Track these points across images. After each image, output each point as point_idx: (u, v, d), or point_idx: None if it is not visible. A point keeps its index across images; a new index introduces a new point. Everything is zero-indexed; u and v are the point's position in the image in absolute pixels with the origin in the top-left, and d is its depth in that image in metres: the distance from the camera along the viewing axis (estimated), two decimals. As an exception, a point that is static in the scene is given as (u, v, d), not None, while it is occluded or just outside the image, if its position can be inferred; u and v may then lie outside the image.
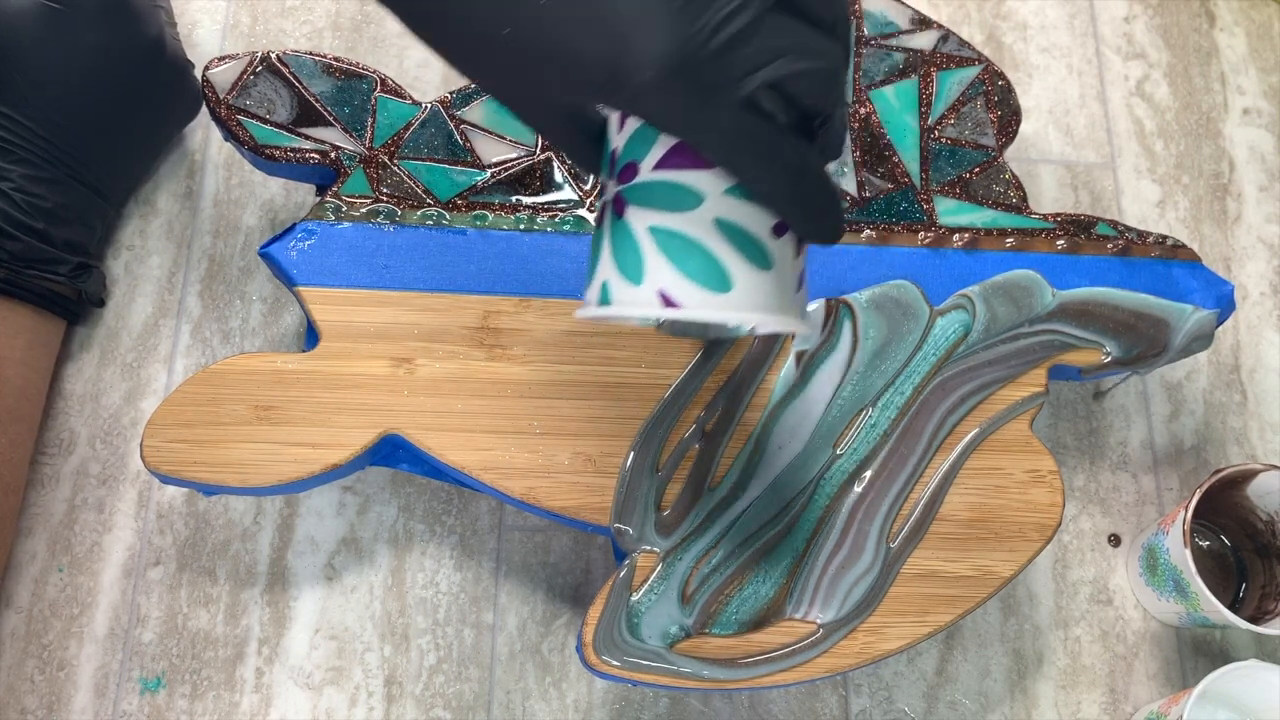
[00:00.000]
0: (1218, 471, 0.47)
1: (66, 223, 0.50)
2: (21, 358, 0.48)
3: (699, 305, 0.32)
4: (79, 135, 0.49)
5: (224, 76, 0.48)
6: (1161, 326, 0.49)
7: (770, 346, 0.47)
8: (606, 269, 0.34)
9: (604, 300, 0.34)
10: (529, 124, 0.34)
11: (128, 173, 0.54)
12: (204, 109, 0.54)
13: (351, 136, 0.49)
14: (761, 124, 0.29)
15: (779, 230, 0.33)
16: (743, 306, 0.33)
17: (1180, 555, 0.46)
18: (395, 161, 0.49)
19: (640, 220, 0.33)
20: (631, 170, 0.33)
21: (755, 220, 0.32)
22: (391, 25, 0.61)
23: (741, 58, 0.28)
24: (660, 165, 0.33)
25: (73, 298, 0.51)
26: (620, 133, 0.33)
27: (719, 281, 0.32)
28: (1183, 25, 0.64)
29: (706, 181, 0.32)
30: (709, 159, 0.31)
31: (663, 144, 0.32)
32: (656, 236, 0.33)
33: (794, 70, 0.28)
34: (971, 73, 0.53)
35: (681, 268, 0.32)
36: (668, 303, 0.32)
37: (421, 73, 0.60)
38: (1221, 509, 0.50)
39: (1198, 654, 0.51)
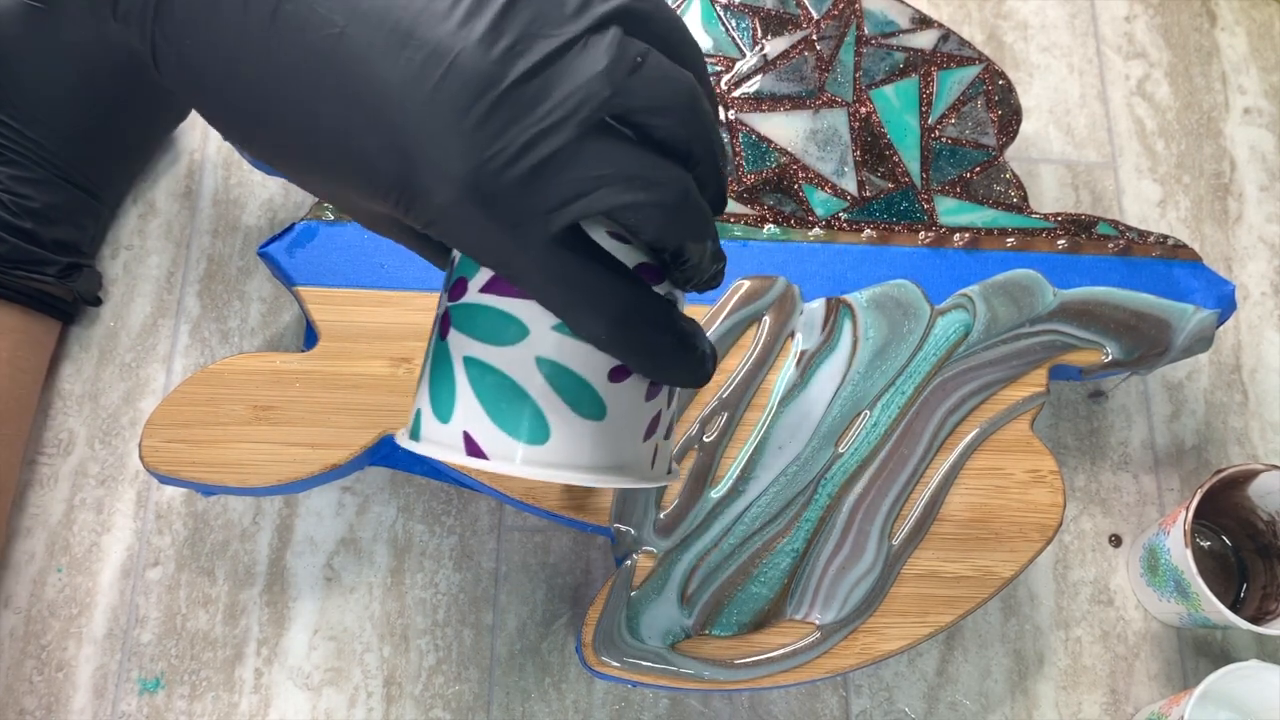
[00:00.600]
0: (1219, 472, 0.47)
1: (55, 223, 0.49)
2: (9, 358, 0.48)
3: (505, 458, 0.28)
4: (66, 135, 0.49)
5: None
6: (1163, 327, 0.48)
7: (770, 347, 0.47)
8: (423, 396, 0.30)
9: (414, 433, 0.30)
10: (358, 222, 0.31)
11: (119, 172, 0.54)
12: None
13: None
14: (577, 261, 0.25)
15: (620, 374, 0.29)
16: (560, 462, 0.28)
17: (1181, 556, 0.46)
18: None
19: (459, 347, 0.29)
20: (461, 287, 0.29)
21: (588, 362, 0.28)
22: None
23: (552, 187, 0.24)
24: (487, 288, 0.28)
25: (67, 298, 0.51)
26: None
27: (534, 431, 0.28)
28: (1183, 25, 0.64)
29: (533, 314, 0.28)
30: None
31: None
32: (470, 370, 0.28)
33: (620, 203, 0.25)
34: (972, 72, 0.53)
35: (491, 411, 0.28)
36: (472, 449, 0.28)
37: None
38: (1222, 509, 0.50)
39: (1199, 654, 0.51)
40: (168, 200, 0.56)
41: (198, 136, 0.58)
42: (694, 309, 0.47)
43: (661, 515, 0.45)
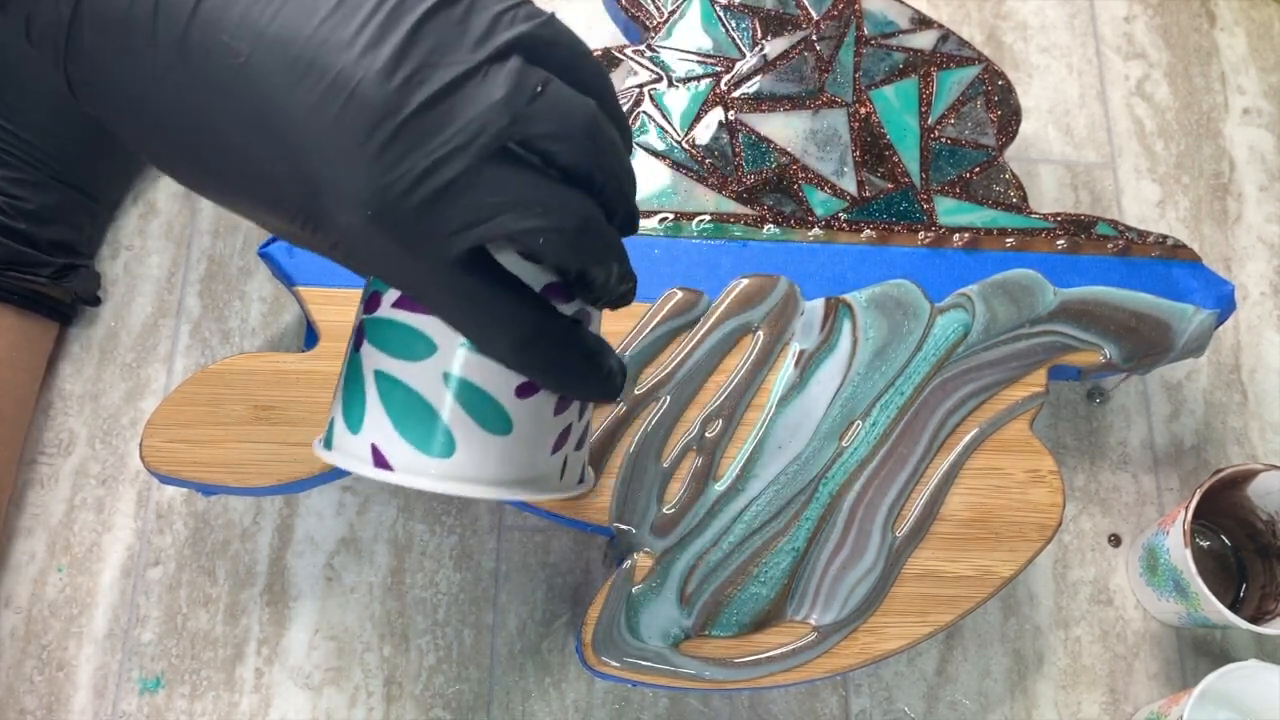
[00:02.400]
0: (1218, 471, 0.47)
1: (50, 224, 0.49)
2: (4, 359, 0.48)
3: (410, 470, 0.29)
4: (60, 136, 0.49)
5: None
6: (1163, 329, 0.48)
7: (770, 347, 0.47)
8: (337, 406, 0.31)
9: (327, 442, 0.31)
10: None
11: (116, 173, 0.54)
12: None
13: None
14: (481, 283, 0.26)
15: (527, 389, 0.29)
16: (465, 477, 0.29)
17: (1180, 555, 0.46)
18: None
19: (371, 361, 0.30)
20: (375, 301, 0.30)
21: (494, 378, 0.29)
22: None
23: (452, 213, 0.25)
24: (399, 303, 0.29)
25: (65, 299, 0.51)
26: None
27: (440, 446, 0.29)
28: (1183, 25, 0.64)
29: (442, 331, 0.29)
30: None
31: None
32: (380, 384, 0.29)
33: (519, 229, 0.25)
34: (971, 72, 0.53)
35: (399, 424, 0.29)
36: (379, 461, 0.29)
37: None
38: (1222, 509, 0.50)
39: (1198, 654, 0.51)
40: (168, 200, 0.56)
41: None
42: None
43: (661, 515, 0.45)
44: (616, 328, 0.47)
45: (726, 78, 0.51)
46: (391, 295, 0.30)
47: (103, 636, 0.49)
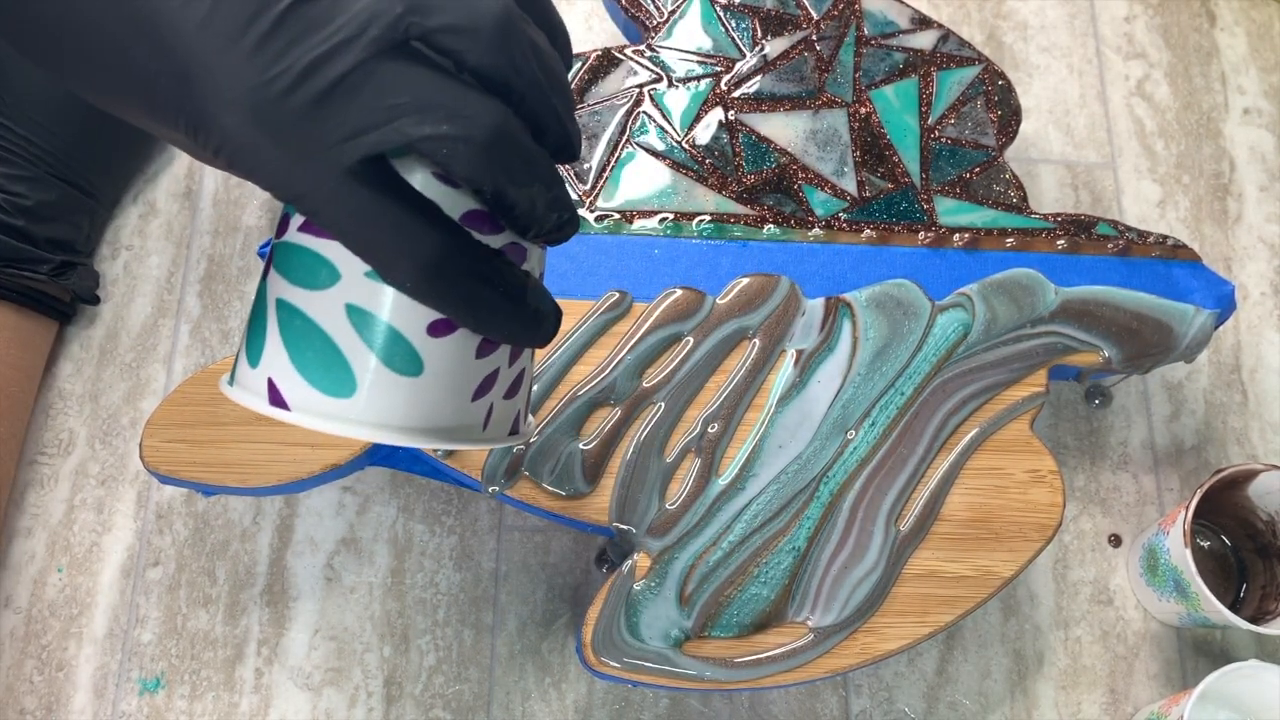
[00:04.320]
0: (1218, 471, 0.47)
1: (49, 221, 0.49)
2: (2, 356, 0.48)
3: (306, 410, 0.26)
4: (59, 133, 0.49)
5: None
6: (1165, 331, 0.48)
7: (766, 355, 0.47)
8: (243, 339, 0.28)
9: (231, 378, 0.29)
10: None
11: (115, 170, 0.54)
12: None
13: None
14: (379, 200, 0.23)
15: (441, 328, 0.26)
16: (365, 420, 0.26)
17: (1181, 555, 0.46)
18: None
19: (275, 288, 0.27)
20: (285, 224, 0.27)
21: (403, 313, 0.26)
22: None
23: (343, 115, 0.22)
24: (305, 226, 0.27)
25: (63, 298, 0.51)
26: None
27: (338, 384, 0.26)
28: (1183, 25, 0.64)
29: (346, 258, 0.26)
30: None
31: None
32: (280, 313, 0.27)
33: (420, 135, 0.23)
34: (971, 72, 0.53)
35: (296, 359, 0.26)
36: (275, 399, 0.27)
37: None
38: (1222, 509, 0.50)
39: (1198, 654, 0.51)
40: (168, 200, 0.56)
41: (198, 137, 0.58)
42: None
43: (661, 514, 0.45)
44: (616, 327, 0.47)
45: (726, 78, 0.51)
46: (299, 218, 0.27)
47: (102, 636, 0.49)
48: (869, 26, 0.53)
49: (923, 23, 0.53)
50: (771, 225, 0.49)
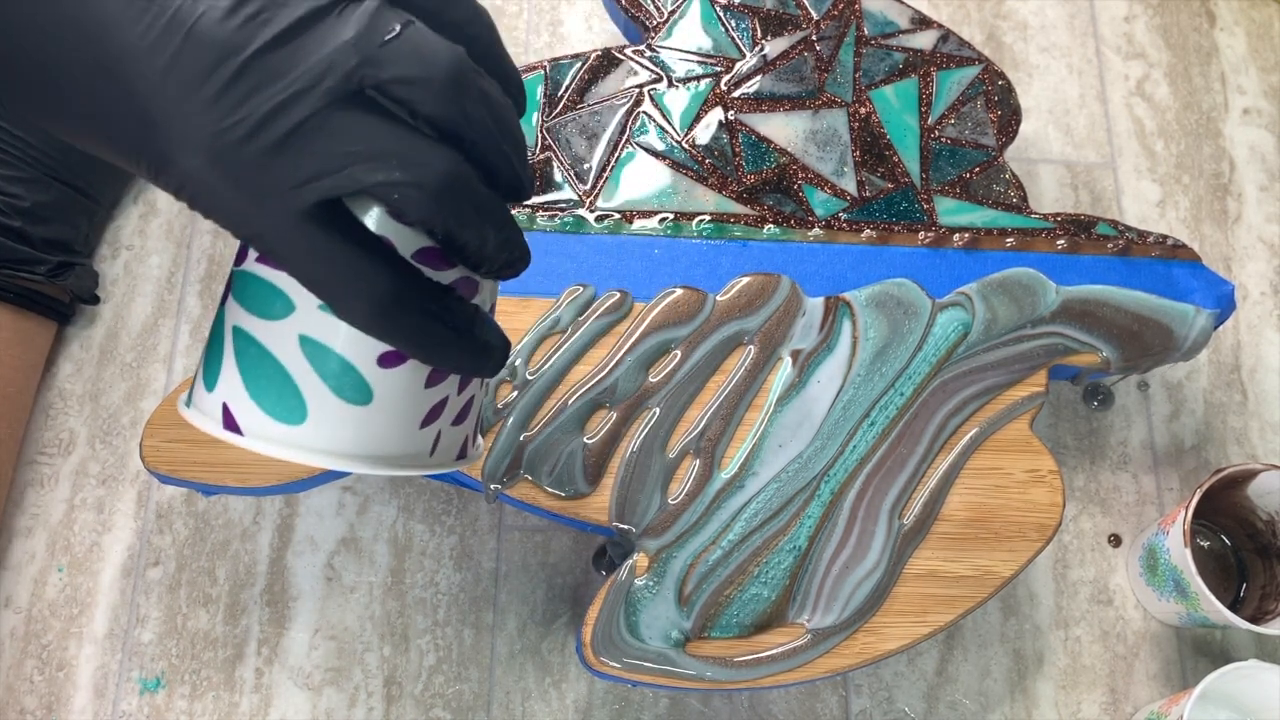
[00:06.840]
0: (1218, 471, 0.47)
1: (46, 221, 0.49)
2: (0, 357, 0.48)
3: (257, 435, 0.28)
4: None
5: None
6: (1165, 333, 0.48)
7: (762, 361, 0.47)
8: (200, 363, 0.30)
9: (189, 399, 0.30)
10: None
11: (113, 172, 0.54)
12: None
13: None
14: (331, 240, 0.24)
15: (392, 359, 0.28)
16: (315, 447, 0.27)
17: (1180, 555, 0.46)
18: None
19: (232, 315, 0.28)
20: (244, 253, 0.29)
21: (354, 345, 0.27)
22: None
23: (298, 161, 0.23)
24: (262, 257, 0.28)
25: (62, 298, 0.51)
26: None
27: (290, 411, 0.27)
28: (1183, 25, 0.64)
29: (300, 290, 0.27)
30: None
31: None
32: (237, 341, 0.28)
33: (372, 182, 0.24)
34: (971, 72, 0.53)
35: (250, 386, 0.28)
36: (229, 423, 0.28)
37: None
38: (1222, 509, 0.50)
39: (1198, 654, 0.51)
40: (168, 200, 0.56)
41: (198, 137, 0.58)
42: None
43: (662, 514, 0.45)
44: (616, 327, 0.47)
45: (726, 78, 0.51)
46: None
47: (103, 636, 0.49)
48: (869, 26, 0.53)
49: (923, 23, 0.53)
50: (771, 225, 0.49)
